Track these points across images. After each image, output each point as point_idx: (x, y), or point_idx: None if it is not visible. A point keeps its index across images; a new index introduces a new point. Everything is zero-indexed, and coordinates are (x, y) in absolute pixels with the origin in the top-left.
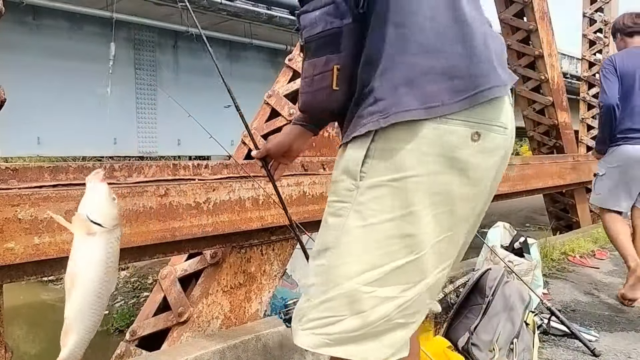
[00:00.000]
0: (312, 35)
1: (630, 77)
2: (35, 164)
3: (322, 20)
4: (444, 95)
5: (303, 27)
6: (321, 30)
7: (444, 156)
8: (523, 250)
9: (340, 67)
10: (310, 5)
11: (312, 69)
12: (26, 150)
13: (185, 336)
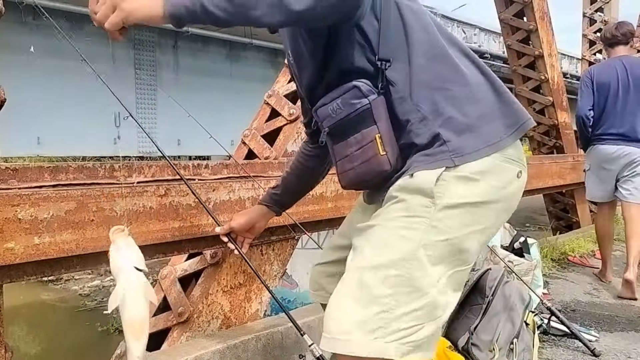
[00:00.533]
0: (336, 122)
1: (605, 88)
2: (35, 164)
3: (346, 105)
4: (501, 131)
5: (322, 119)
6: (348, 114)
7: (502, 188)
8: (523, 250)
9: (382, 135)
10: (327, 97)
11: (347, 148)
12: (26, 150)
13: (185, 336)
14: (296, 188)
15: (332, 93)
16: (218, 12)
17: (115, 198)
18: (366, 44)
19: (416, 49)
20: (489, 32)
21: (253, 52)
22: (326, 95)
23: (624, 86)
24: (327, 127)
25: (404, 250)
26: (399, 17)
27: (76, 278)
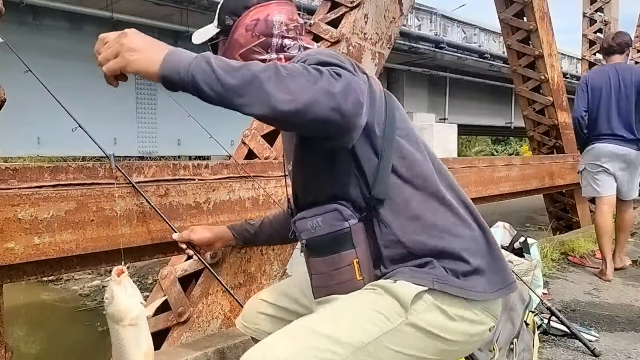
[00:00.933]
0: (315, 237)
1: (598, 92)
2: (35, 164)
3: (326, 224)
4: (487, 287)
5: (301, 231)
6: (327, 233)
7: (470, 337)
8: (523, 250)
9: (359, 260)
10: (308, 212)
11: (324, 266)
12: (26, 150)
13: (185, 336)
14: (267, 238)
15: (315, 209)
16: (207, 89)
17: (115, 198)
18: (361, 178)
19: (411, 192)
20: (489, 32)
21: None
22: (308, 209)
23: (615, 90)
24: (305, 239)
25: (358, 337)
26: (401, 157)
27: (76, 278)
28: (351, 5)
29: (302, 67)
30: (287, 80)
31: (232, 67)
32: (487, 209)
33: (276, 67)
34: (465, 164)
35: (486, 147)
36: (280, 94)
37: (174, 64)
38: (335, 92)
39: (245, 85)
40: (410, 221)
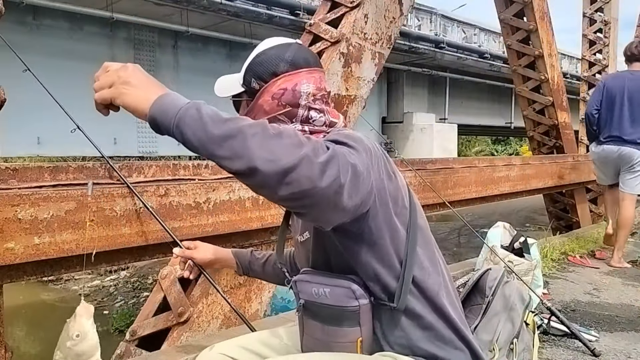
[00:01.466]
0: (318, 304)
1: (612, 95)
2: (35, 164)
3: (333, 297)
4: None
5: (300, 291)
6: (332, 305)
7: None
8: (523, 250)
9: (363, 340)
10: (314, 278)
11: (324, 335)
12: (26, 150)
13: (185, 336)
14: (268, 277)
15: (323, 278)
16: (191, 135)
17: (115, 198)
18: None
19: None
20: (488, 32)
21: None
22: (314, 275)
23: (628, 95)
24: (304, 300)
25: None
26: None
27: (76, 278)
28: (351, 5)
29: (292, 130)
30: (271, 140)
31: (220, 119)
32: (487, 209)
33: (264, 126)
34: (465, 164)
35: (486, 147)
36: (261, 152)
37: (165, 106)
38: (315, 162)
39: (229, 138)
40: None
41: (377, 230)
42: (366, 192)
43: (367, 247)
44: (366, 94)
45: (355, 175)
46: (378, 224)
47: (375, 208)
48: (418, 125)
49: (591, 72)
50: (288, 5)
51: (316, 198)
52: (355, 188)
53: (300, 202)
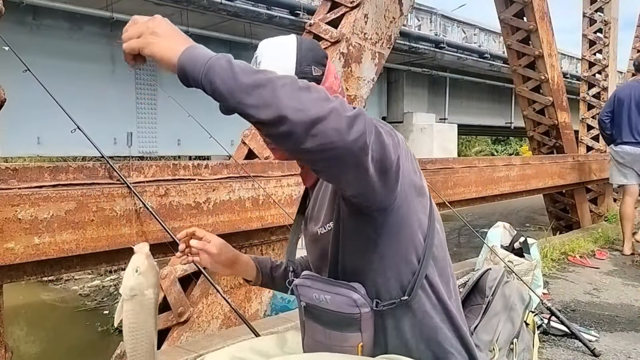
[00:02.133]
0: (319, 308)
1: (621, 103)
2: (35, 164)
3: (334, 304)
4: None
5: (301, 294)
6: (333, 311)
7: None
8: (523, 250)
9: (364, 345)
10: (315, 283)
11: (326, 338)
12: (26, 150)
13: (185, 336)
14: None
15: (324, 285)
16: (220, 84)
17: (115, 198)
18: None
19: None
20: (488, 32)
21: (253, 52)
22: (315, 281)
23: (635, 102)
24: (306, 303)
25: None
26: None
27: (76, 278)
28: (351, 5)
29: (320, 87)
30: (300, 92)
31: (250, 69)
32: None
33: (293, 79)
34: (465, 164)
35: (486, 147)
36: (290, 102)
37: (194, 55)
38: (344, 115)
39: (259, 87)
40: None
41: (402, 222)
42: (391, 167)
43: (390, 238)
44: (366, 94)
45: (380, 140)
46: (404, 216)
47: (402, 197)
48: (418, 125)
49: (591, 72)
50: (288, 5)
51: (341, 151)
52: (380, 153)
53: (324, 155)
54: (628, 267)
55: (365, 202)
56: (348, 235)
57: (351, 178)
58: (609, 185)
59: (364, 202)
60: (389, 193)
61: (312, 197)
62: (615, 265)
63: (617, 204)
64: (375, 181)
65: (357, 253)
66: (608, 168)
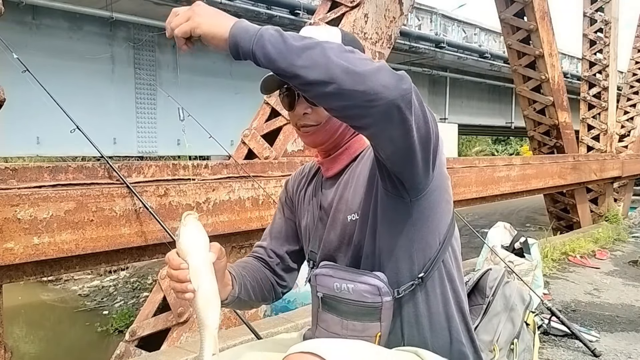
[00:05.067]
0: (338, 298)
1: None
2: (35, 164)
3: (357, 294)
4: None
5: (319, 284)
6: (354, 300)
7: None
8: (523, 251)
9: (382, 335)
10: (337, 273)
11: (343, 329)
12: (25, 150)
13: (185, 336)
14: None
15: (346, 274)
16: (271, 48)
17: (115, 198)
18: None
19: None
20: (489, 31)
21: None
22: (338, 270)
23: None
24: (322, 294)
25: None
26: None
27: (75, 278)
28: (351, 5)
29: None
30: (348, 53)
31: (298, 35)
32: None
33: (339, 44)
34: (465, 164)
35: (486, 147)
36: (339, 61)
37: (245, 27)
38: (390, 73)
39: (308, 49)
40: (439, 317)
41: (433, 207)
42: (431, 138)
43: (421, 222)
44: None
45: (423, 108)
46: (435, 201)
47: (436, 182)
48: None
49: (592, 71)
50: (288, 4)
51: (388, 106)
52: (424, 120)
53: (372, 110)
54: (628, 267)
55: (405, 175)
56: (382, 221)
57: (396, 135)
58: (609, 185)
59: (405, 175)
60: (427, 171)
61: (335, 186)
62: (615, 266)
63: (617, 204)
64: (418, 150)
65: (388, 238)
66: (610, 168)
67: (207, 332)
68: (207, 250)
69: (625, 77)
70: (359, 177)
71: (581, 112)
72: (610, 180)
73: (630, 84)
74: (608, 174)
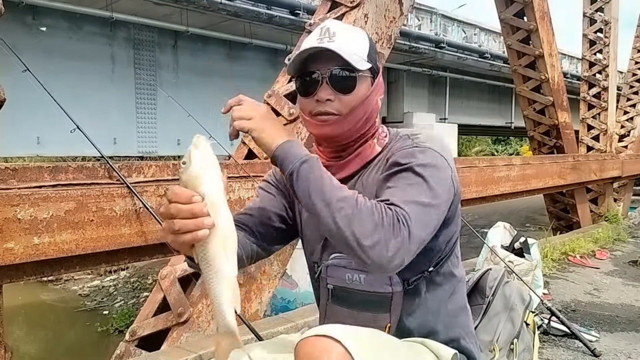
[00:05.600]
0: (349, 289)
1: None
2: (35, 164)
3: (368, 284)
4: None
5: (330, 276)
6: (365, 291)
7: None
8: (523, 251)
9: (391, 326)
10: (351, 263)
11: (353, 320)
12: (26, 150)
13: (185, 336)
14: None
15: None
16: (296, 187)
17: (115, 198)
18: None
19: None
20: (489, 31)
21: (253, 52)
22: (350, 261)
23: None
24: (333, 286)
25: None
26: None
27: (76, 278)
28: (351, 5)
29: (373, 207)
30: (355, 218)
31: (328, 179)
32: (487, 209)
33: (354, 205)
34: (465, 164)
35: (486, 147)
36: (345, 226)
37: (285, 152)
38: (386, 256)
39: (327, 205)
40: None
41: (448, 223)
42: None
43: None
44: None
45: (422, 236)
46: (451, 216)
47: (455, 200)
48: (418, 125)
49: (591, 72)
50: (288, 5)
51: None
52: (422, 243)
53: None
54: (628, 267)
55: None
56: None
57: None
58: (609, 185)
59: None
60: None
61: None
62: (615, 266)
63: (617, 204)
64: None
65: None
66: (609, 168)
67: (224, 282)
68: (221, 178)
69: (625, 77)
70: (371, 188)
71: (581, 112)
72: (610, 180)
73: (630, 84)
74: (608, 174)
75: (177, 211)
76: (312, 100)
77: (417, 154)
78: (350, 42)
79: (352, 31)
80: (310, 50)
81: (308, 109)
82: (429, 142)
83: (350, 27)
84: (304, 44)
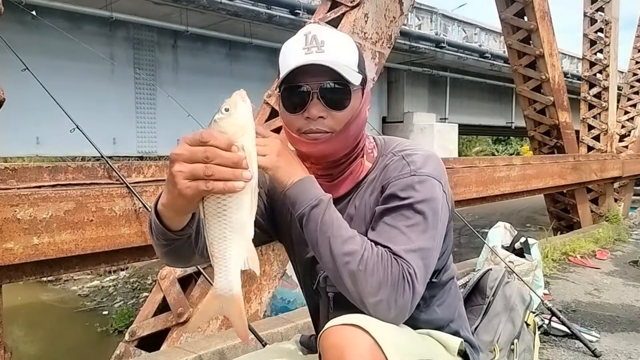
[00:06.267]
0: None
1: None
2: (34, 164)
3: None
4: None
5: (330, 285)
6: None
7: None
8: (524, 251)
9: None
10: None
11: None
12: (25, 150)
13: (185, 337)
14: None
15: None
16: (307, 231)
17: (115, 198)
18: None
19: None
20: (489, 31)
21: (253, 51)
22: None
23: None
24: (334, 293)
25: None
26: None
27: (75, 278)
28: (351, 5)
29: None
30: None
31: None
32: (487, 209)
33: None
34: (465, 164)
35: (487, 147)
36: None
37: (297, 191)
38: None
39: (334, 256)
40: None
41: (448, 231)
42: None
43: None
44: None
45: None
46: (448, 227)
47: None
48: (418, 125)
49: (592, 71)
50: (288, 4)
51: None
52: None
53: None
54: (629, 267)
55: None
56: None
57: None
58: (609, 185)
59: None
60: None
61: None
62: (616, 266)
63: (618, 204)
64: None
65: None
66: (610, 168)
67: (243, 242)
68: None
69: (626, 77)
70: (364, 211)
71: (581, 112)
72: (610, 180)
73: (631, 84)
74: (608, 174)
75: (214, 155)
76: (300, 117)
77: (417, 186)
78: (341, 53)
79: (340, 38)
80: (302, 65)
81: (296, 126)
82: (425, 167)
83: (336, 32)
84: (290, 54)
